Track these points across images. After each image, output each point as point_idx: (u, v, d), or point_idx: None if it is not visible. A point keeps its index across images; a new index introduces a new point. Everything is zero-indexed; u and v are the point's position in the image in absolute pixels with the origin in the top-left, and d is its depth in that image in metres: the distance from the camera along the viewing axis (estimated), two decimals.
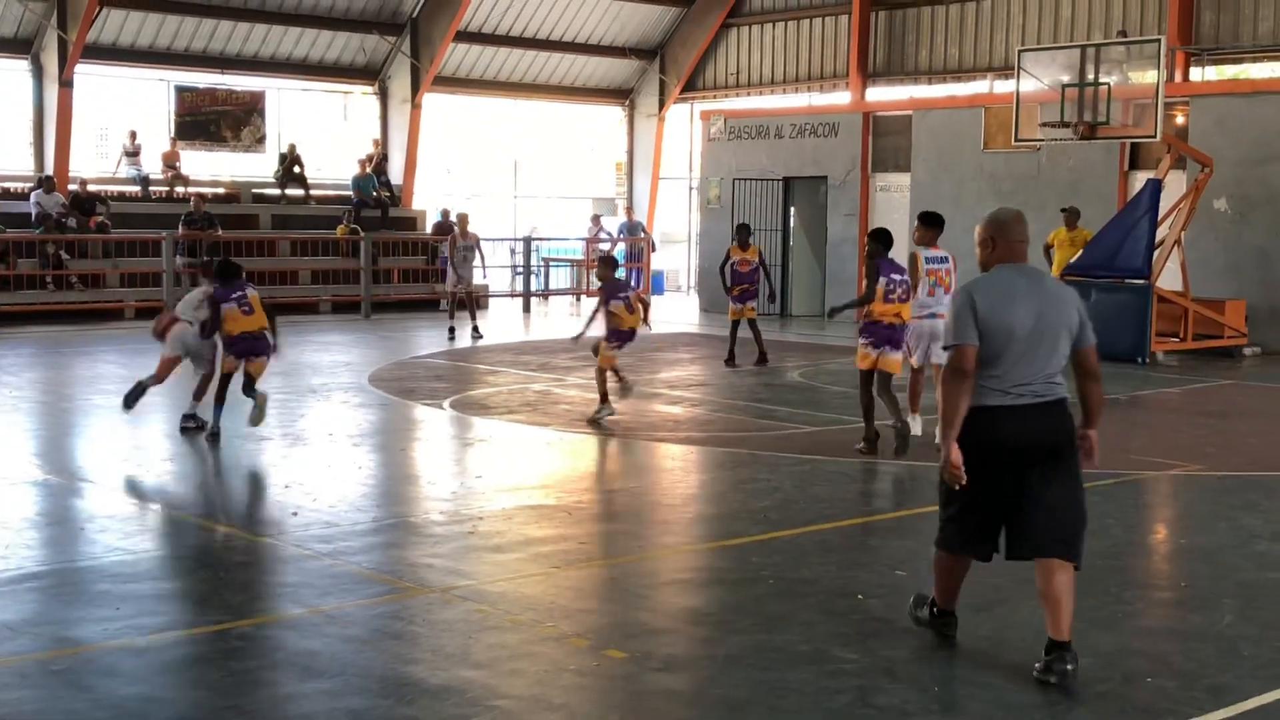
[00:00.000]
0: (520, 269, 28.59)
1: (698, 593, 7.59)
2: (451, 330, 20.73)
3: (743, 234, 17.56)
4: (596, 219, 31.44)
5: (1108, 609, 7.04)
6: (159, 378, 12.00)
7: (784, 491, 9.84)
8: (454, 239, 21.64)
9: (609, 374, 12.80)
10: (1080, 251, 19.01)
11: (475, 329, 20.88)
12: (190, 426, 11.84)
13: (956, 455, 5.87)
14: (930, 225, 11.97)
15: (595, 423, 12.43)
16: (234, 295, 11.45)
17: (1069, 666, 5.87)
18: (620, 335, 12.76)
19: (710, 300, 25.59)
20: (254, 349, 11.58)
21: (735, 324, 17.34)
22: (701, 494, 9.81)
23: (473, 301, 21.52)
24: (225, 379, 11.58)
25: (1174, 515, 9.78)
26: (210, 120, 28.10)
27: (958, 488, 5.96)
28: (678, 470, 11.17)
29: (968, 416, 5.90)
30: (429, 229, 28.31)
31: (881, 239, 11.38)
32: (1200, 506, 9.84)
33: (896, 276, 11.25)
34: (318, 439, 11.96)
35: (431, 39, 29.36)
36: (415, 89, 29.78)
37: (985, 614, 6.90)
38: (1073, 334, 5.99)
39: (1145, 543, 9.10)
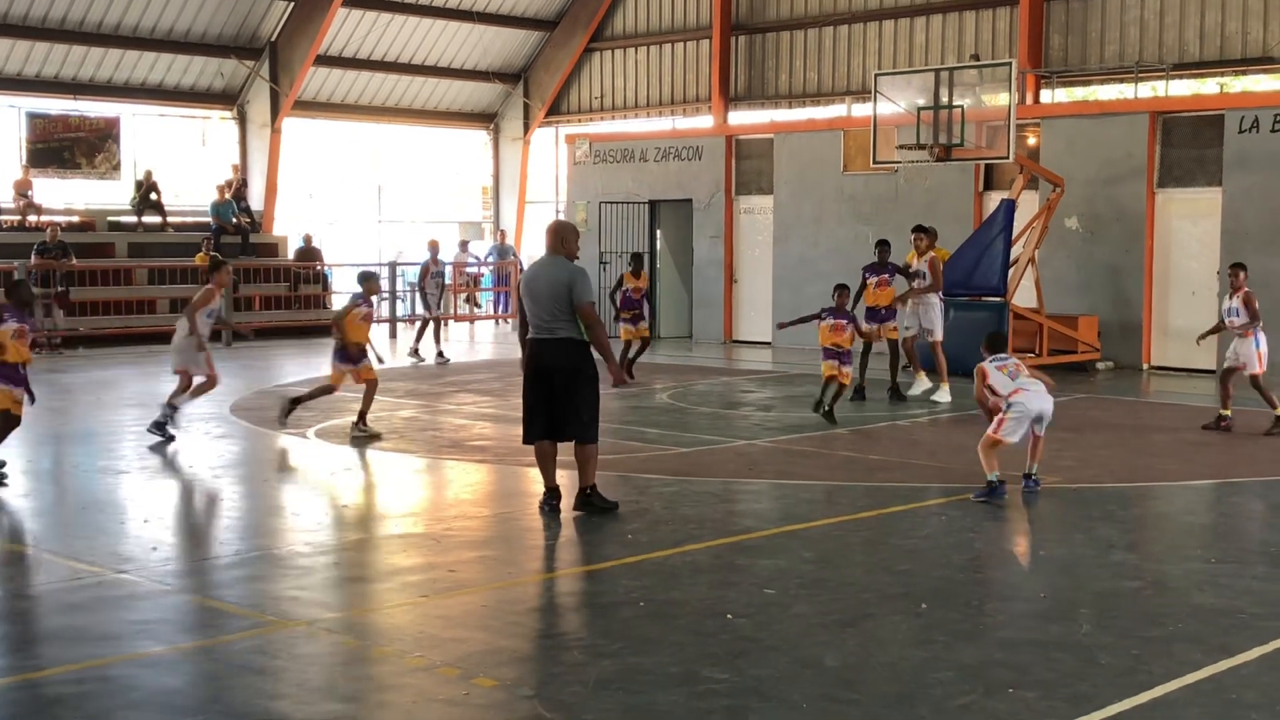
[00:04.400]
0: (386, 294, 28.27)
1: (568, 617, 7.57)
2: (440, 354, 21.12)
3: (637, 263, 18.67)
4: (464, 245, 31.31)
5: (970, 621, 7.18)
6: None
7: (653, 513, 9.87)
8: (427, 267, 21.74)
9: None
10: None
11: (416, 350, 21.38)
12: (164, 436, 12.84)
13: None
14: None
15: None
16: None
17: (596, 501, 9.67)
18: None
19: None
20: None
21: (629, 344, 18.20)
22: (569, 518, 9.79)
23: (439, 326, 21.90)
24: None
25: (1032, 527, 9.99)
26: (63, 147, 27.43)
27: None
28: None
29: (529, 346, 9.64)
30: (291, 255, 27.95)
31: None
32: (1058, 518, 10.07)
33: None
34: (178, 471, 11.71)
35: (291, 63, 29.03)
36: (275, 113, 29.40)
37: (851, 629, 6.99)
38: (568, 299, 9.38)
39: (1005, 555, 9.29)
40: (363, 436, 13.25)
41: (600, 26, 31.78)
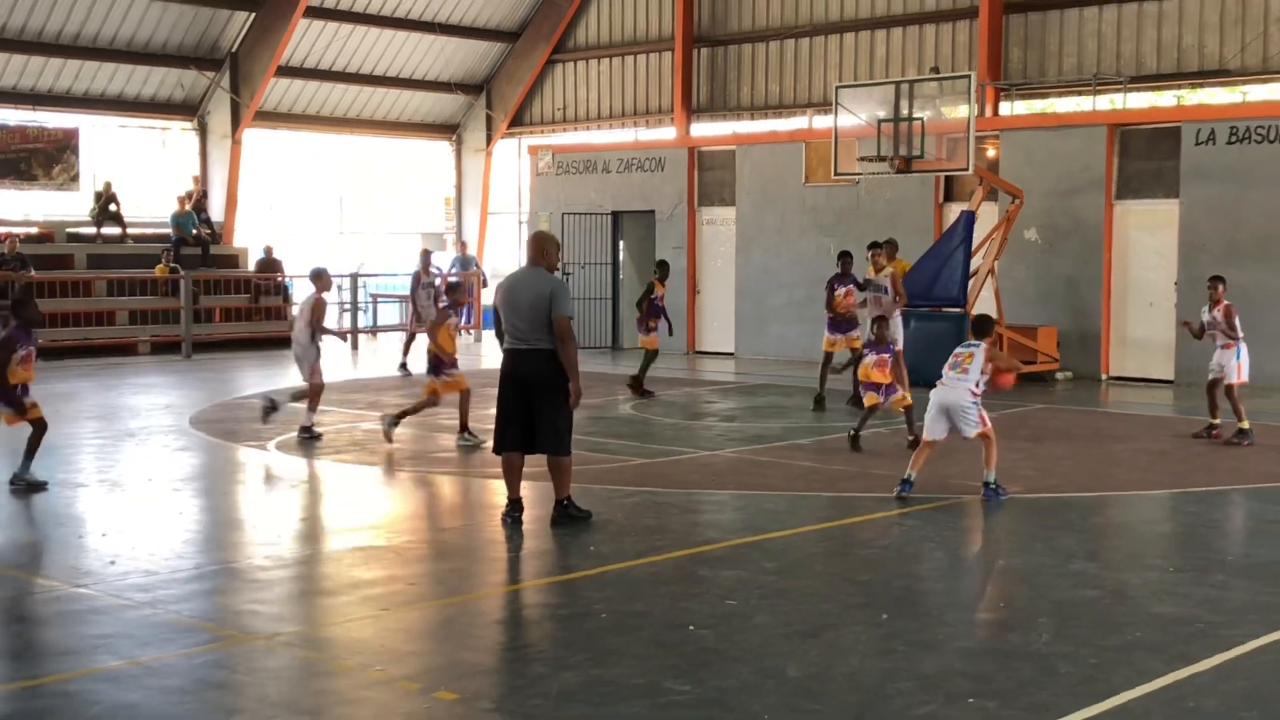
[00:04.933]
0: (347, 305, 28.19)
1: (530, 630, 7.56)
2: (404, 366, 20.75)
3: (664, 269, 18.48)
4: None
5: (930, 631, 7.20)
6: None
7: (616, 524, 9.86)
8: (418, 276, 21.49)
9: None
10: None
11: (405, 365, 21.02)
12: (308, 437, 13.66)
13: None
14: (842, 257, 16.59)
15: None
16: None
17: (572, 512, 9.69)
18: None
19: None
20: None
21: (654, 354, 18.15)
22: (532, 530, 9.78)
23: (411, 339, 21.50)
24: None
25: (993, 537, 10.04)
26: (20, 158, 27.20)
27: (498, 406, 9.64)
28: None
29: (504, 356, 9.64)
30: (251, 266, 27.82)
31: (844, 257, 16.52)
32: (1018, 528, 10.13)
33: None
34: (136, 484, 11.63)
35: (252, 74, 28.90)
36: (236, 124, 29.26)
37: (813, 640, 7.01)
38: (548, 311, 9.31)
39: (965, 564, 9.33)
40: (469, 445, 13.33)
41: (563, 38, 31.80)
